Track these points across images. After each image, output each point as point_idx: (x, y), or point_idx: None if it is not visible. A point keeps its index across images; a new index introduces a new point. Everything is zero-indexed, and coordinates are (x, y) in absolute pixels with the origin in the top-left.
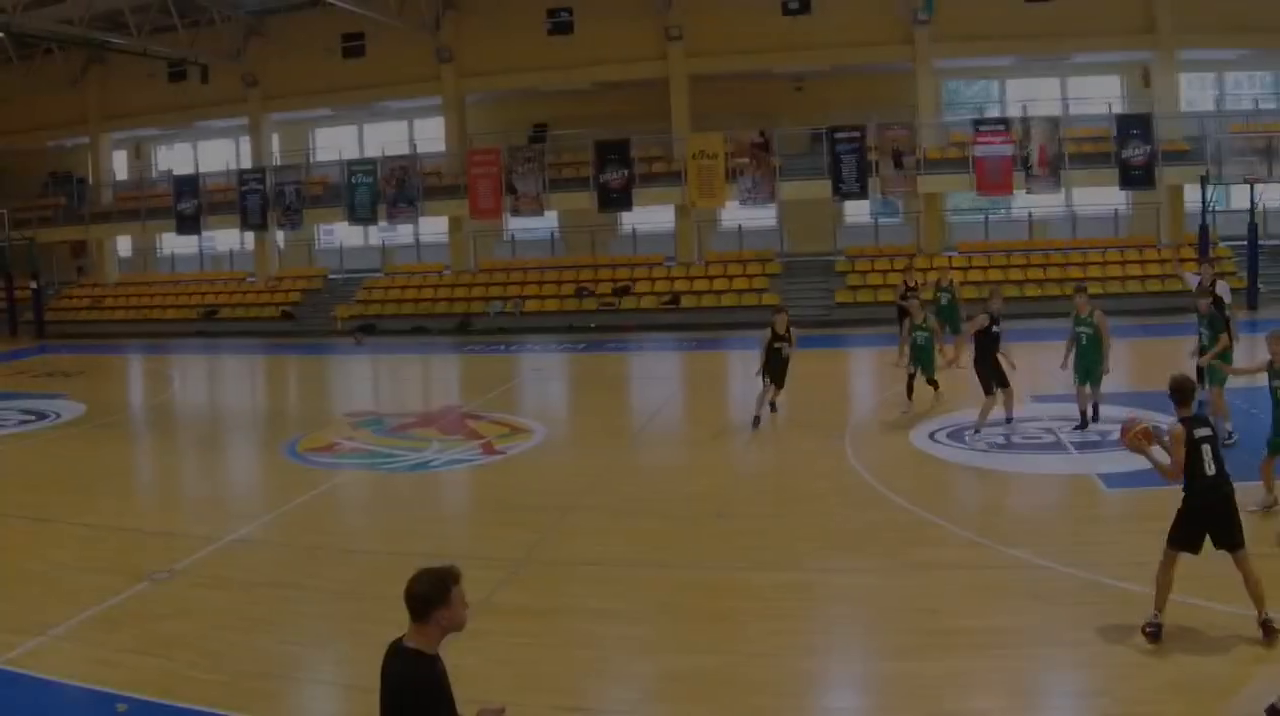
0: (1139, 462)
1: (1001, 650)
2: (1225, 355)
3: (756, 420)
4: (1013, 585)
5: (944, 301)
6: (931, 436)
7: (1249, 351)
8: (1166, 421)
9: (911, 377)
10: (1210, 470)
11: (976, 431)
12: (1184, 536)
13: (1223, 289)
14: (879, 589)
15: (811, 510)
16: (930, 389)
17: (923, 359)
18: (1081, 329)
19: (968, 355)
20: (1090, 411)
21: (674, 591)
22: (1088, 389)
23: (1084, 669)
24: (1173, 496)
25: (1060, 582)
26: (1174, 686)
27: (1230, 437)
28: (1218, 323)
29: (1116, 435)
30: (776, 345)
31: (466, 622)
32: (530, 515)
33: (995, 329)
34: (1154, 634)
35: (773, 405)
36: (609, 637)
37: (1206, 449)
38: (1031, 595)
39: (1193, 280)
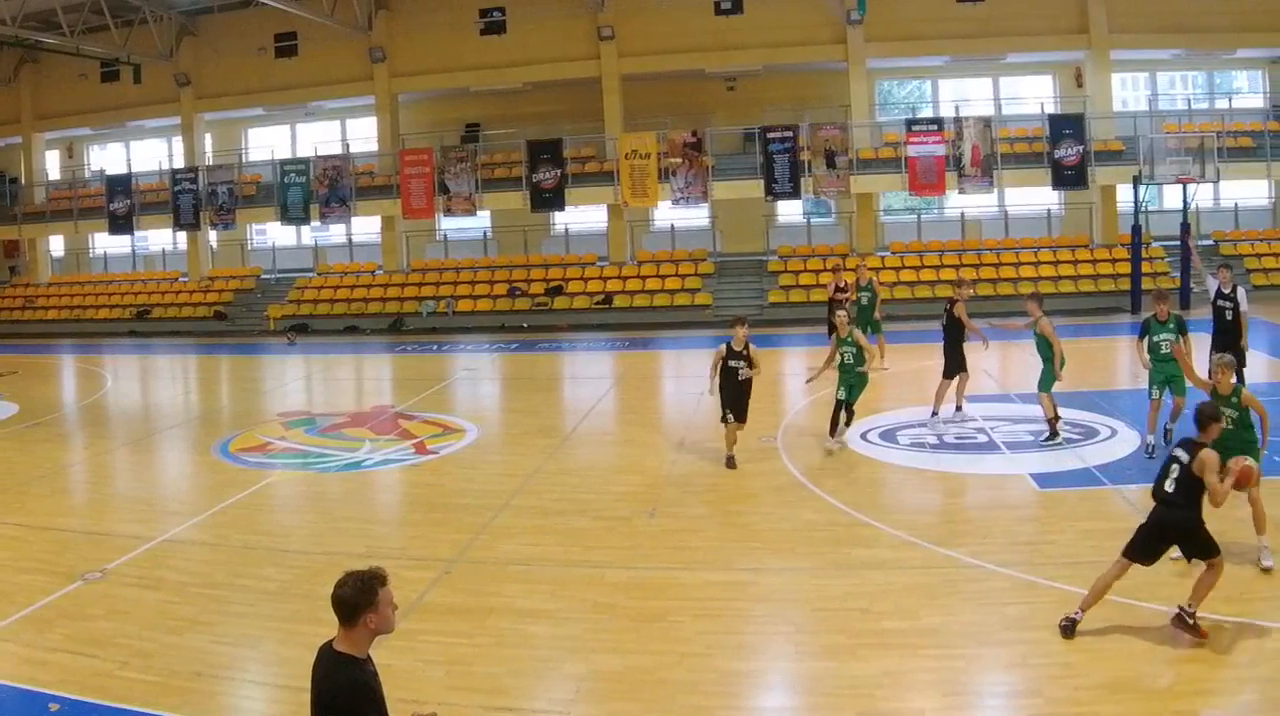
0: (1070, 463)
1: (934, 650)
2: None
3: (730, 460)
4: (945, 585)
5: (864, 301)
6: (864, 436)
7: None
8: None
9: (838, 407)
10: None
11: (934, 414)
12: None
13: (1241, 295)
14: (811, 588)
15: (744, 510)
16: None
17: (849, 381)
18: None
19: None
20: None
21: (606, 591)
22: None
23: (1016, 669)
24: (1106, 496)
25: (993, 582)
26: (1106, 687)
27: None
28: (1159, 327)
29: (1046, 436)
30: (732, 364)
31: (395, 625)
32: (462, 515)
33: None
34: (1068, 628)
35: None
36: (541, 637)
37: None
38: (964, 595)
39: (1213, 284)
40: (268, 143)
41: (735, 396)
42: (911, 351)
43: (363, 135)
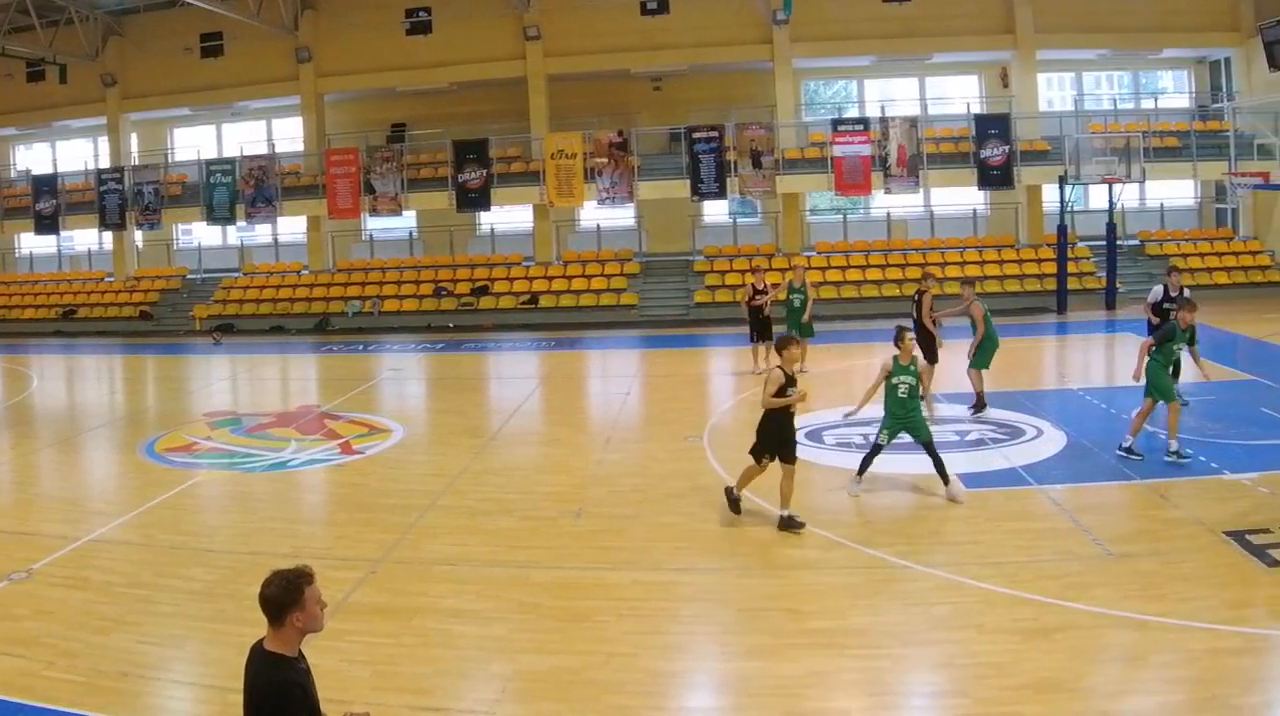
0: (996, 463)
1: (860, 650)
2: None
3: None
4: (871, 585)
5: (796, 303)
6: None
7: (1110, 352)
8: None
9: (878, 450)
10: None
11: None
12: None
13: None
14: (738, 589)
15: (670, 510)
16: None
17: (913, 419)
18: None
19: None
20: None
21: (532, 591)
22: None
23: (943, 669)
24: (1032, 496)
25: (919, 582)
26: (1033, 687)
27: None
28: (1182, 335)
29: (975, 434)
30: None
31: (323, 624)
32: (388, 515)
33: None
34: None
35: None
36: (467, 637)
37: None
38: (890, 595)
39: (1159, 291)
40: (193, 143)
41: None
42: (838, 351)
43: (289, 135)
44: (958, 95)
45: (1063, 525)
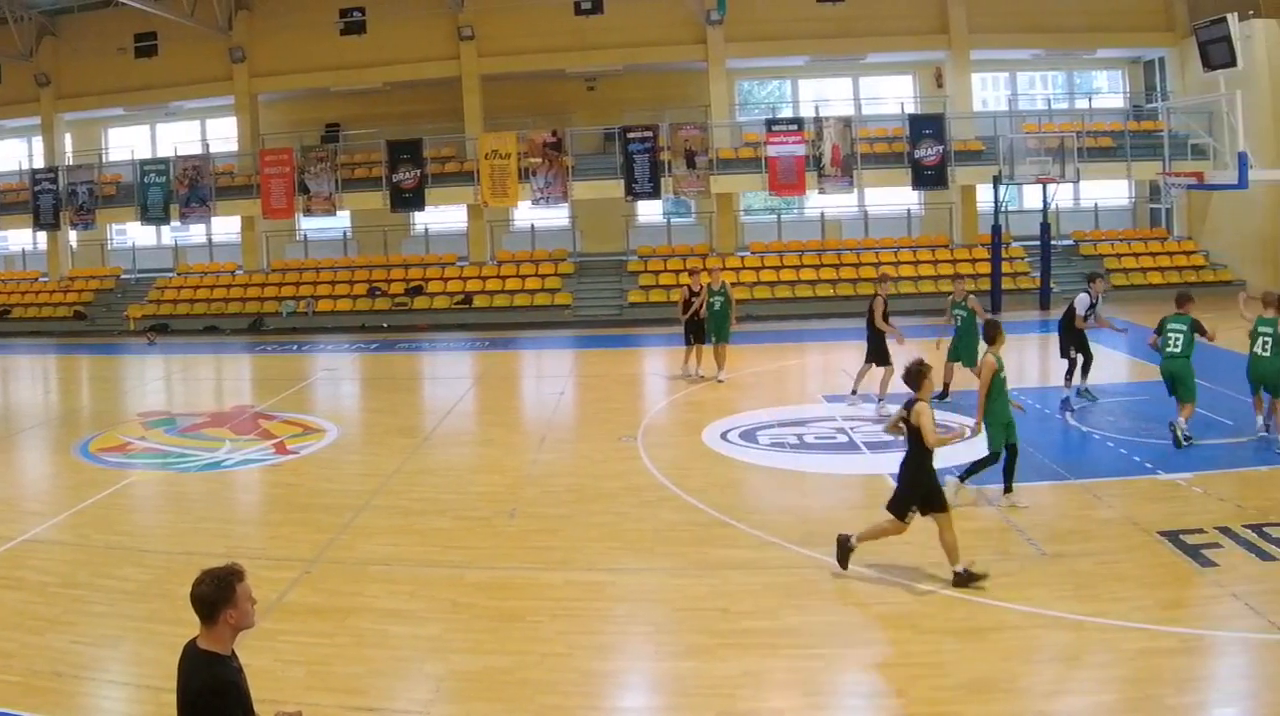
0: None
1: (794, 650)
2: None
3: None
4: (805, 585)
5: (717, 306)
6: (724, 436)
7: (1044, 352)
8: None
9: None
10: None
11: (853, 392)
12: None
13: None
14: (672, 589)
15: (604, 510)
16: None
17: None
18: (957, 312)
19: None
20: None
21: (466, 591)
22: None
23: (877, 669)
24: (962, 496)
25: (853, 583)
26: (968, 687)
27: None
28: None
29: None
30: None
31: (255, 620)
32: (322, 515)
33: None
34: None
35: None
36: (401, 637)
37: None
38: (824, 595)
39: (1084, 301)
40: (128, 143)
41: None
42: (772, 352)
43: (223, 135)
44: (892, 95)
45: (997, 525)
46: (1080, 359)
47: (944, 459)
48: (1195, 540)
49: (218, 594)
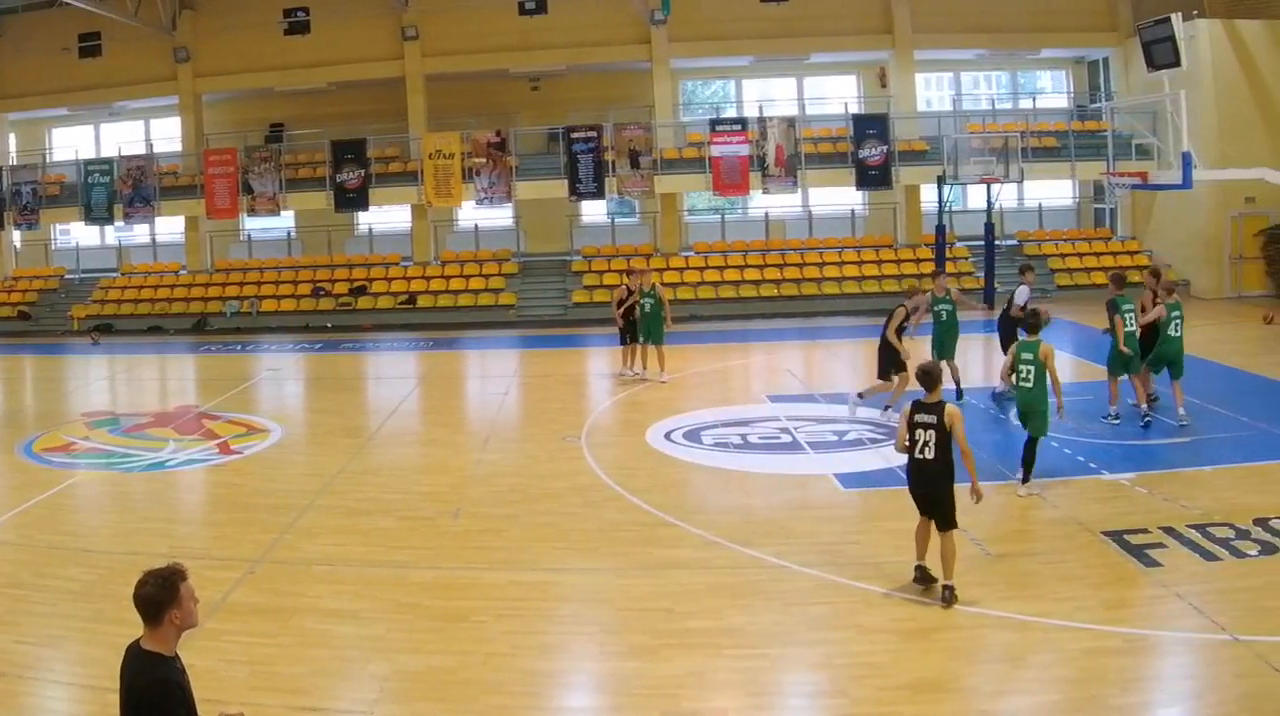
0: (874, 463)
1: (738, 650)
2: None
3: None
4: (749, 585)
5: (647, 308)
6: (668, 436)
7: (988, 351)
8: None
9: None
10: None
11: (887, 408)
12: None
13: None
14: (616, 589)
15: (548, 510)
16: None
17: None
18: (941, 307)
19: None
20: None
21: (410, 591)
22: (943, 363)
23: (820, 669)
24: (909, 498)
25: (797, 582)
26: (910, 687)
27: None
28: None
29: (854, 433)
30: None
31: (199, 620)
32: (267, 515)
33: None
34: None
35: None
36: (345, 637)
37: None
38: (768, 595)
39: (1024, 293)
40: (72, 143)
41: None
42: (716, 352)
43: (167, 135)
44: (836, 95)
45: None
46: None
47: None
48: (1139, 540)
49: (162, 594)
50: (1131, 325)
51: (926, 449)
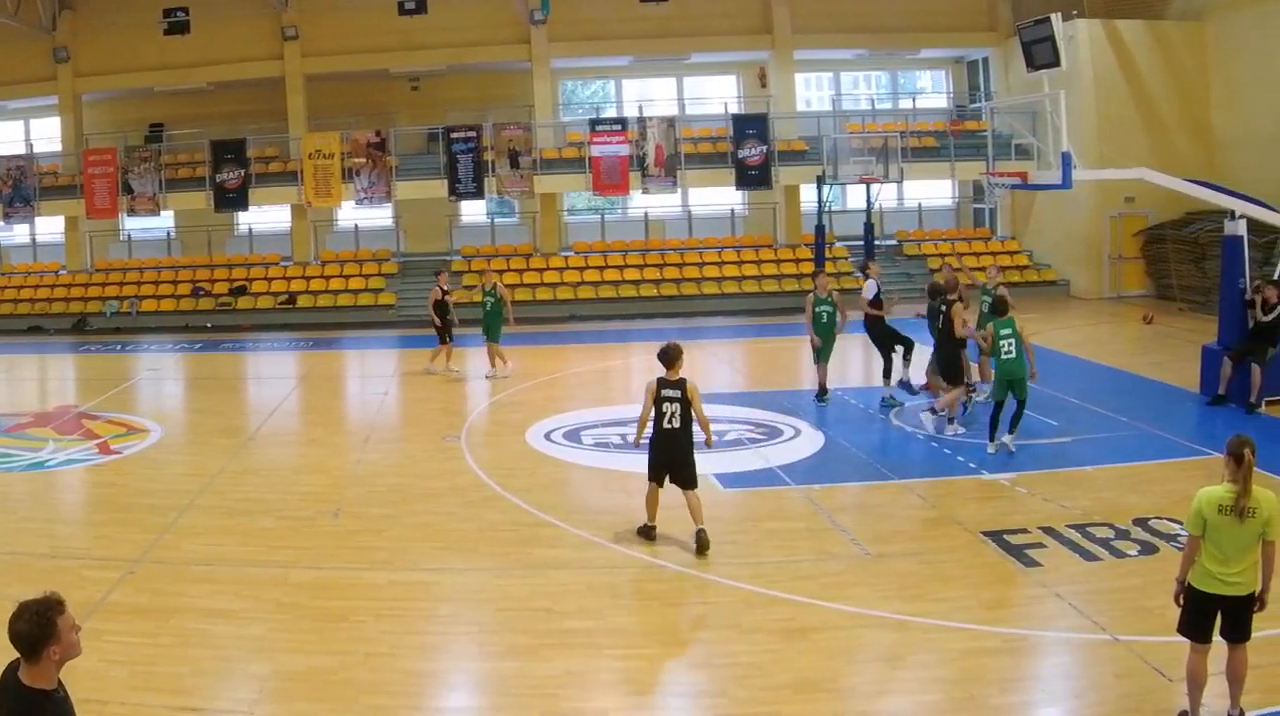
0: (754, 463)
1: (618, 650)
2: None
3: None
4: (629, 585)
5: (488, 306)
6: (548, 436)
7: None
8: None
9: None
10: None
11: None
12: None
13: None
14: (495, 589)
15: (428, 510)
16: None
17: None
18: (823, 308)
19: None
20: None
21: (290, 591)
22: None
23: (701, 669)
24: (789, 496)
25: (677, 582)
26: (791, 687)
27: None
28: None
29: (733, 434)
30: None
31: (80, 649)
32: (146, 515)
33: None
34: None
35: None
36: (225, 637)
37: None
38: (647, 595)
39: (872, 288)
40: None
41: None
42: (596, 351)
43: (47, 135)
44: (716, 95)
45: (821, 525)
46: (902, 350)
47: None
48: (1019, 540)
49: (39, 631)
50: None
51: (674, 420)
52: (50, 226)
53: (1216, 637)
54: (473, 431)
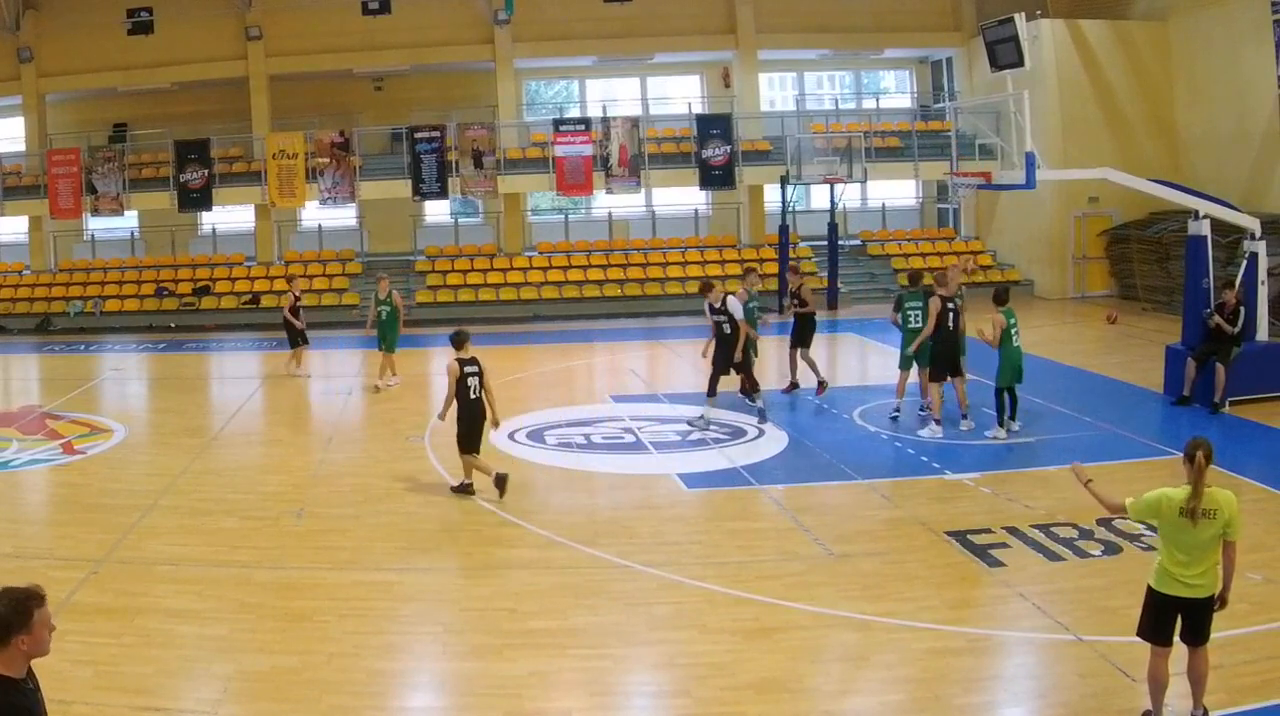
0: (718, 463)
1: (581, 650)
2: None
3: None
4: (592, 585)
5: (383, 315)
6: (511, 436)
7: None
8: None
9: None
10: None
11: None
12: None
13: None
14: (458, 588)
15: (391, 510)
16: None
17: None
18: (754, 306)
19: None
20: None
21: (253, 591)
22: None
23: (664, 669)
24: (753, 496)
25: (640, 582)
26: (754, 687)
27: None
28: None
29: (696, 434)
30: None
31: (50, 648)
32: (110, 515)
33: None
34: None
35: None
36: (188, 637)
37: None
38: (611, 595)
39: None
40: None
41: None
42: (559, 351)
43: (10, 135)
44: (679, 95)
45: (784, 525)
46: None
47: None
48: (983, 540)
49: (12, 617)
50: (915, 323)
51: (478, 391)
52: (14, 226)
53: (1177, 640)
54: (436, 431)
